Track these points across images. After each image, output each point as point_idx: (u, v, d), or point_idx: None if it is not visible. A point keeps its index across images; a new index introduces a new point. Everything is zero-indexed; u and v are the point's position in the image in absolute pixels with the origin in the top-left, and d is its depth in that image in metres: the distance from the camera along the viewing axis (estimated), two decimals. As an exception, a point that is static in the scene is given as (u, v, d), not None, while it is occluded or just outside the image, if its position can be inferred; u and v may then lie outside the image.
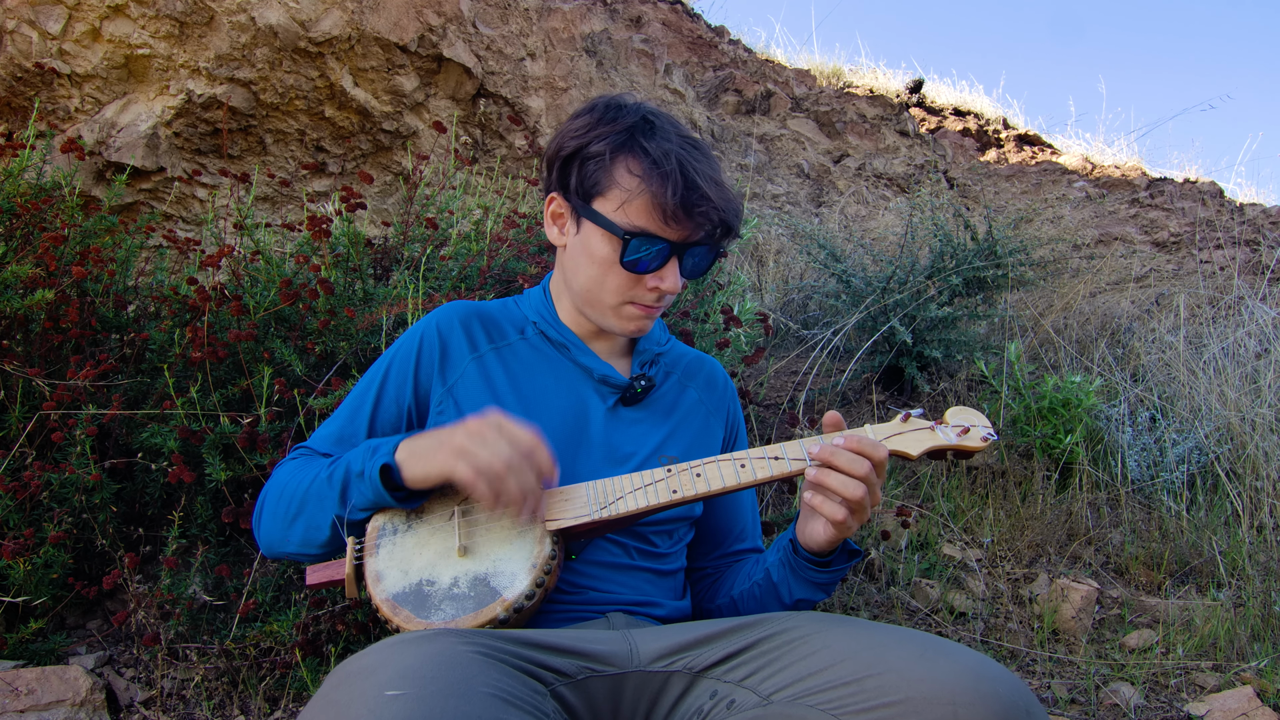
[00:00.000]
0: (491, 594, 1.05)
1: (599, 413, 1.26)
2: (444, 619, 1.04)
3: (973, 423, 1.18)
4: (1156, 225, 6.17)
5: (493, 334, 1.30)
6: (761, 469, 1.12)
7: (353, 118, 3.44)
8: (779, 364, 3.43)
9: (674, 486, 1.12)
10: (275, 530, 1.19)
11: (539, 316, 1.32)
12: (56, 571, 1.60)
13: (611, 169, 1.18)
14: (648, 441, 1.28)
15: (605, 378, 1.27)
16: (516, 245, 2.24)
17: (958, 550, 2.52)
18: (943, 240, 3.55)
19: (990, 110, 8.56)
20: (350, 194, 2.02)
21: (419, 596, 1.07)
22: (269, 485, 1.23)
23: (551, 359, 1.30)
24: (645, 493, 1.12)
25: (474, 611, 1.04)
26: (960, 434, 1.16)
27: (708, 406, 1.38)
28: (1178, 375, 3.42)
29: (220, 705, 1.62)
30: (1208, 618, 2.24)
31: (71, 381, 1.70)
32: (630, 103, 1.24)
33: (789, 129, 6.61)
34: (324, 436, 1.27)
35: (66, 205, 2.01)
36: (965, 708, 0.84)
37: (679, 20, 6.88)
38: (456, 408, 1.23)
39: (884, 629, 1.00)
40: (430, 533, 1.12)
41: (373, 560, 1.11)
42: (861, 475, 1.06)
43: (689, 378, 1.40)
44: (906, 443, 1.15)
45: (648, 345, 1.35)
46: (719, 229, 1.21)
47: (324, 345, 1.85)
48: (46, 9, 2.92)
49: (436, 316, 1.31)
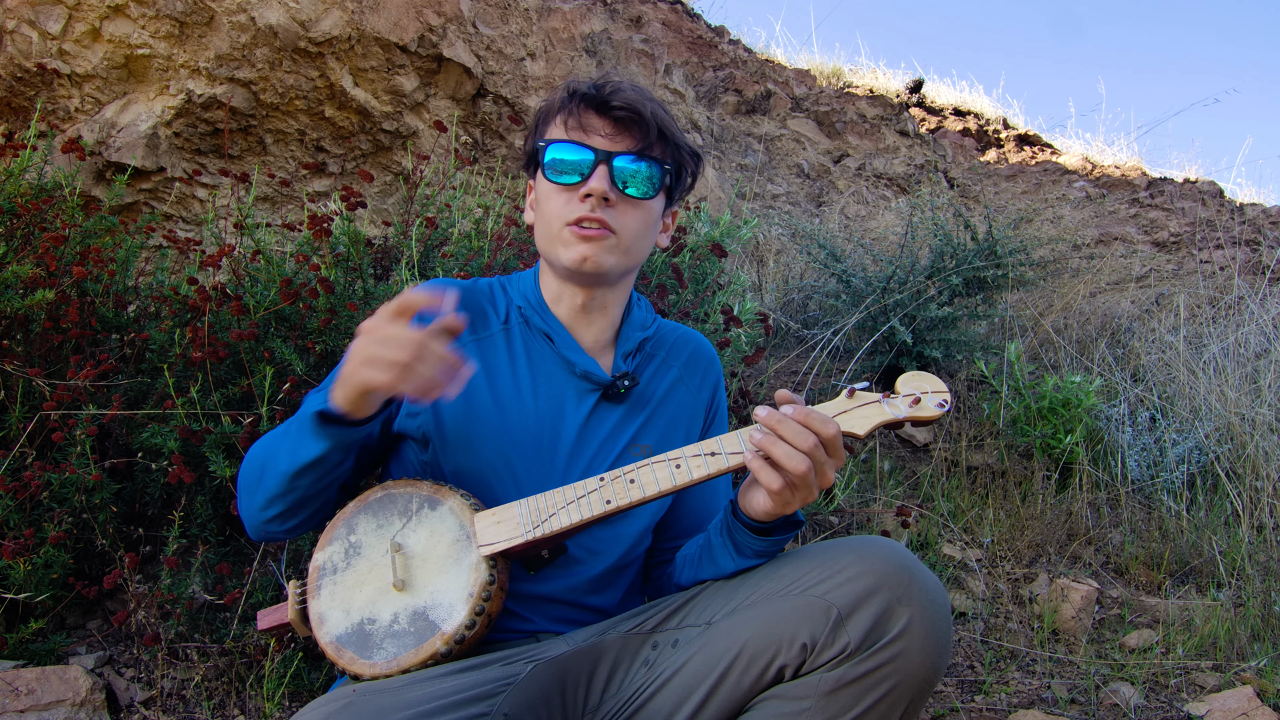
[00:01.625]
0: (430, 628, 1.03)
1: (576, 413, 1.24)
2: (386, 657, 1.02)
3: (924, 389, 1.09)
4: (1156, 225, 6.17)
5: (475, 323, 1.27)
6: (698, 467, 1.07)
7: (353, 118, 3.44)
8: (779, 364, 3.43)
9: (607, 496, 1.08)
10: (250, 503, 1.17)
11: (524, 301, 1.30)
12: (56, 571, 1.60)
13: (549, 121, 1.23)
14: (623, 435, 1.26)
15: (587, 374, 1.25)
16: (517, 245, 2.24)
17: (958, 550, 2.52)
18: (943, 240, 3.55)
19: (990, 110, 8.57)
20: (350, 193, 2.02)
21: (361, 636, 1.05)
22: (245, 463, 1.21)
23: (533, 352, 1.27)
24: (578, 506, 1.08)
25: (414, 648, 1.02)
26: (912, 404, 1.08)
27: (689, 385, 1.36)
28: (1178, 375, 3.42)
29: (220, 705, 1.62)
30: (1208, 618, 2.24)
31: (72, 381, 1.70)
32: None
33: (789, 129, 6.61)
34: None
35: (67, 205, 2.01)
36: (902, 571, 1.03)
37: (679, 20, 6.88)
38: (431, 403, 1.20)
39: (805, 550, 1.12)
40: (369, 568, 1.10)
41: (315, 602, 1.10)
42: (806, 449, 1.01)
43: (673, 355, 1.37)
44: (853, 421, 1.08)
45: (631, 332, 1.32)
46: (650, 134, 1.19)
47: (325, 344, 1.85)
48: (46, 9, 2.92)
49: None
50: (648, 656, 1.12)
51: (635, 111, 1.18)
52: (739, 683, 1.05)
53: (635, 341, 1.32)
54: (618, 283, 1.29)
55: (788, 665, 1.03)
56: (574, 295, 1.27)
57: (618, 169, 1.18)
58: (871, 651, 0.99)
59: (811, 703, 1.01)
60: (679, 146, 1.24)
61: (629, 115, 1.18)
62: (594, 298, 1.27)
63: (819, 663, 1.01)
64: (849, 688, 1.00)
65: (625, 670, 1.12)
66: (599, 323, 1.30)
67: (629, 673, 1.11)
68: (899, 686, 1.00)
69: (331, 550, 1.13)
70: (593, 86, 1.20)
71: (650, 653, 1.12)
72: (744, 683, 1.05)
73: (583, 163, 1.18)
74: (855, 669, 1.00)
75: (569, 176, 1.18)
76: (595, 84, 1.20)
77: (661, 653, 1.11)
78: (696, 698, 1.06)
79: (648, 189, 1.21)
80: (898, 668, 0.99)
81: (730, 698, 1.05)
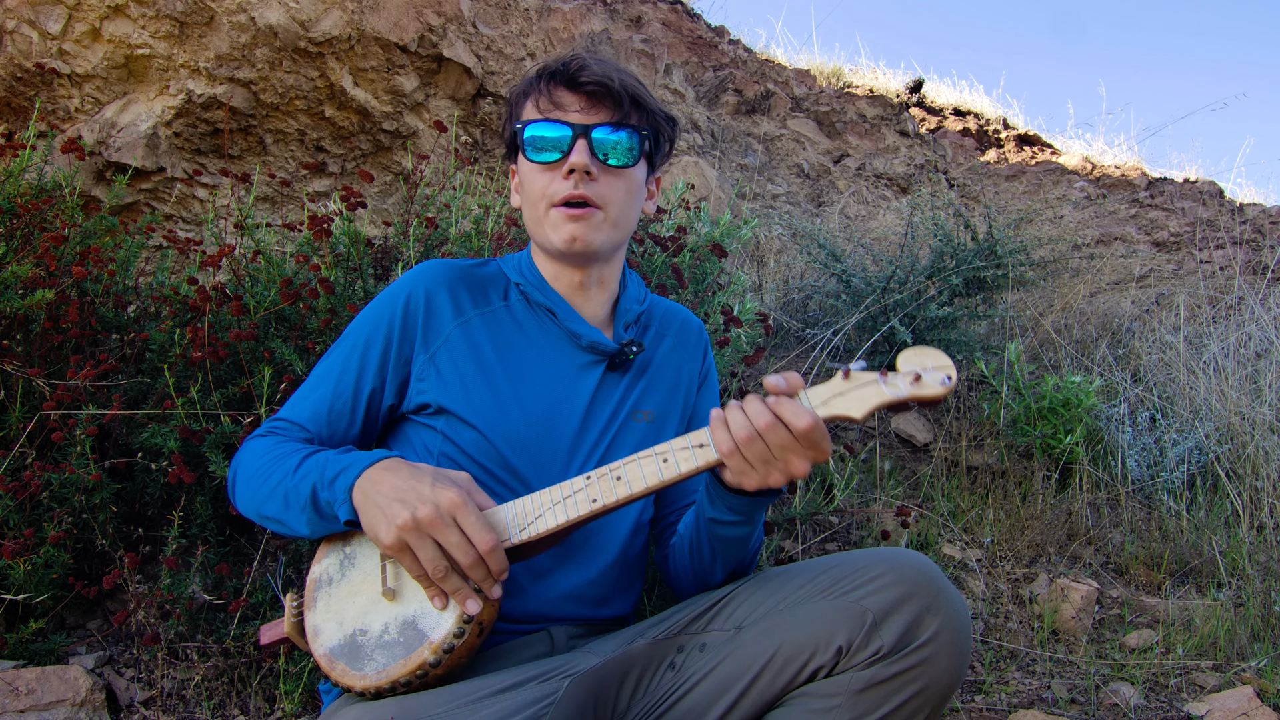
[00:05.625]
0: (419, 637, 1.02)
1: (584, 384, 1.25)
2: (376, 669, 1.01)
3: (925, 365, 0.99)
4: (1156, 225, 6.17)
5: (476, 298, 1.27)
6: (685, 461, 1.03)
7: (353, 118, 3.44)
8: (779, 364, 3.43)
9: (594, 495, 1.05)
10: (246, 508, 1.18)
11: (521, 278, 1.30)
12: (56, 571, 1.60)
13: (523, 103, 1.25)
14: (626, 403, 1.28)
15: (594, 344, 1.25)
16: (517, 245, 2.24)
17: (958, 550, 2.52)
18: (943, 240, 3.55)
19: (990, 110, 8.57)
20: (350, 193, 2.02)
21: (353, 648, 1.04)
22: (243, 459, 1.19)
23: (537, 325, 1.27)
24: (564, 506, 1.06)
25: (403, 659, 1.01)
26: (913, 382, 0.98)
27: (681, 354, 1.39)
28: (1178, 375, 3.42)
29: (220, 705, 1.62)
30: (1208, 618, 2.24)
31: (71, 381, 1.70)
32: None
33: (789, 129, 6.61)
34: (306, 411, 1.22)
35: (67, 205, 2.01)
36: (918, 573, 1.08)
37: (679, 20, 6.88)
38: (439, 375, 1.21)
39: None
40: (362, 578, 1.09)
41: (311, 615, 1.09)
42: (760, 426, 0.98)
43: (665, 327, 1.40)
44: (848, 404, 1.00)
45: (629, 305, 1.34)
46: (624, 103, 1.20)
47: (325, 345, 1.85)
48: (46, 9, 2.92)
49: (420, 278, 1.26)
50: (674, 660, 1.14)
51: (604, 83, 1.19)
52: (773, 683, 1.07)
53: (634, 313, 1.34)
54: (611, 257, 1.30)
55: (822, 666, 1.05)
56: (570, 274, 1.28)
57: (597, 141, 1.19)
58: (903, 654, 1.03)
59: (842, 700, 1.04)
60: (653, 113, 1.25)
61: (599, 88, 1.19)
62: (589, 274, 1.29)
63: (853, 663, 1.04)
64: (879, 688, 1.03)
65: (652, 675, 1.13)
66: (598, 297, 1.31)
67: (656, 677, 1.13)
68: (925, 690, 1.03)
69: (327, 562, 1.13)
70: (561, 64, 1.22)
71: (677, 656, 1.14)
72: (778, 683, 1.07)
73: (561, 139, 1.19)
74: (886, 670, 1.03)
75: (549, 154, 1.20)
76: (563, 61, 1.22)
77: (689, 656, 1.13)
78: (730, 697, 1.08)
79: (628, 158, 1.22)
80: (925, 671, 1.03)
81: (762, 697, 1.08)
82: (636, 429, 1.28)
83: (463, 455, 1.19)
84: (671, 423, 1.33)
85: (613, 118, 1.20)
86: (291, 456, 1.13)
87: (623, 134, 1.21)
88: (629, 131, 1.21)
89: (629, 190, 1.24)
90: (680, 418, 1.35)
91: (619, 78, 1.20)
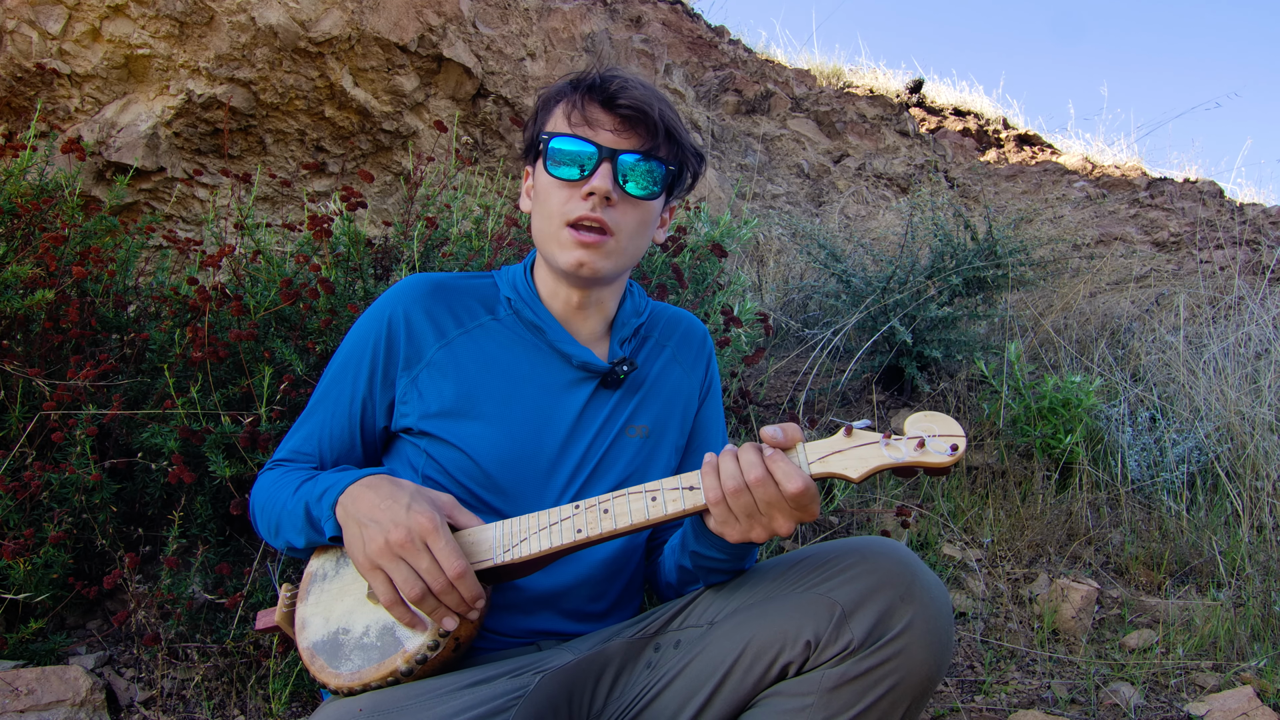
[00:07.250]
0: (395, 645, 1.03)
1: (572, 400, 1.23)
2: (351, 669, 1.02)
3: (933, 431, 0.98)
4: (1156, 225, 6.17)
5: (461, 316, 1.25)
6: (674, 502, 1.03)
7: (353, 118, 3.44)
8: (779, 364, 3.43)
9: (579, 525, 1.04)
10: (277, 542, 1.20)
11: (514, 293, 1.28)
12: (56, 571, 1.60)
13: (551, 109, 1.21)
14: (619, 418, 1.26)
15: (585, 364, 1.24)
16: (517, 245, 2.24)
17: (958, 550, 2.52)
18: (943, 240, 3.55)
19: (990, 110, 8.57)
20: (351, 193, 2.02)
21: (333, 646, 1.05)
22: (256, 496, 1.23)
23: (526, 343, 1.25)
24: (549, 533, 1.05)
25: (376, 664, 1.02)
26: (916, 447, 0.96)
27: (682, 364, 1.35)
28: (1178, 375, 3.42)
29: (220, 705, 1.62)
30: (1208, 618, 2.24)
31: (72, 381, 1.70)
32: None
33: (789, 129, 6.61)
34: (309, 439, 1.23)
35: (67, 205, 2.01)
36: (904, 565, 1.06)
37: (679, 20, 6.88)
38: (420, 398, 1.20)
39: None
40: (353, 578, 1.10)
41: (302, 607, 1.10)
42: (751, 479, 0.97)
43: (666, 336, 1.37)
44: (846, 463, 0.98)
45: (626, 319, 1.32)
46: (658, 134, 1.16)
47: (325, 345, 1.85)
48: (46, 9, 2.92)
49: (400, 299, 1.24)
50: (650, 659, 1.12)
51: (642, 110, 1.15)
52: (743, 680, 1.05)
53: (631, 328, 1.32)
54: (614, 281, 1.28)
55: (792, 662, 1.03)
56: (570, 293, 1.26)
57: (622, 167, 1.16)
58: (874, 649, 1.00)
59: (814, 699, 1.02)
60: (683, 146, 1.22)
61: (635, 113, 1.15)
62: (589, 296, 1.27)
63: (822, 659, 1.02)
64: (851, 684, 1.01)
65: (629, 674, 1.12)
66: (594, 317, 1.29)
67: (632, 676, 1.12)
68: (900, 684, 1.00)
69: (325, 558, 1.14)
70: (599, 79, 1.17)
71: (652, 655, 1.13)
72: (748, 680, 1.05)
73: (587, 159, 1.15)
74: (858, 666, 1.00)
75: (570, 171, 1.16)
76: (602, 76, 1.17)
77: (664, 654, 1.12)
78: (701, 696, 1.07)
79: (650, 189, 1.18)
80: (899, 665, 1.00)
81: (735, 695, 1.06)
82: (630, 444, 1.26)
83: (445, 475, 1.18)
84: (669, 437, 1.31)
85: (643, 146, 1.16)
86: (292, 483, 1.16)
87: (650, 165, 1.17)
88: (657, 163, 1.18)
89: (643, 221, 1.21)
90: (679, 431, 1.33)
91: (658, 107, 1.17)
